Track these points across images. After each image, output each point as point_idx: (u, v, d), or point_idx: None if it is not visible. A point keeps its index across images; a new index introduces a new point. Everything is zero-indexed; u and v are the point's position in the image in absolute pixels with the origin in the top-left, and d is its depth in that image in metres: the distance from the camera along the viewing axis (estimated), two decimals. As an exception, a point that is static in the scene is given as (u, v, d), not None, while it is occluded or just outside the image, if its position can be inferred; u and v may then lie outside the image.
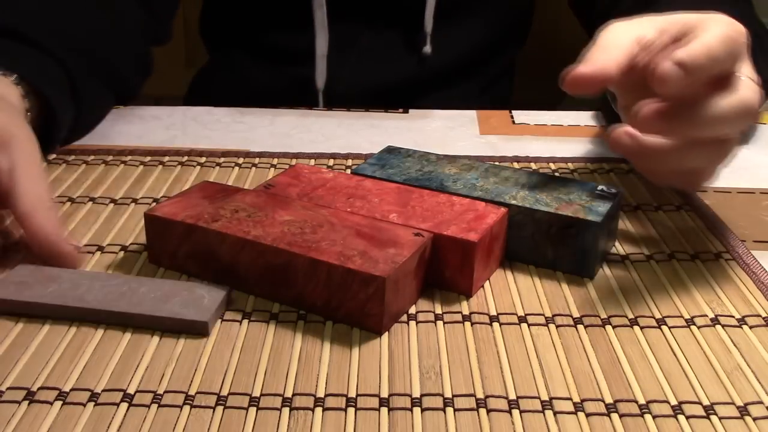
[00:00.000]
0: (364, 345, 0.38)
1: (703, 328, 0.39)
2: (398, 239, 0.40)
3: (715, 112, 0.41)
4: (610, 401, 0.34)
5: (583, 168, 0.59)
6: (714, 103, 0.41)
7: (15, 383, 0.35)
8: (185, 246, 0.43)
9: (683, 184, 0.48)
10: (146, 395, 0.34)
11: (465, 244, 0.41)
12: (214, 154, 0.61)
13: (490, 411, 0.34)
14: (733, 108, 0.42)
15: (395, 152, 0.52)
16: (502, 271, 0.44)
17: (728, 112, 0.41)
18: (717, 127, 0.42)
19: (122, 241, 0.47)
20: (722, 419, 0.33)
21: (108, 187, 0.55)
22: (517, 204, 0.44)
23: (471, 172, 0.49)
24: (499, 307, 0.41)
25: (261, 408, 0.34)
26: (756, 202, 0.54)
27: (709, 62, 0.40)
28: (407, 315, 0.40)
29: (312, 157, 0.60)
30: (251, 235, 0.40)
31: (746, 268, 0.45)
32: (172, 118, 0.69)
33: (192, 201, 0.45)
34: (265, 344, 0.38)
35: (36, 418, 0.33)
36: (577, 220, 0.43)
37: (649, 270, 0.45)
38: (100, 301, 0.39)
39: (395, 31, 0.81)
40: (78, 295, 0.40)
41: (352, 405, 0.34)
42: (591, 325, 0.40)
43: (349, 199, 0.45)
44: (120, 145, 0.63)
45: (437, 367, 0.36)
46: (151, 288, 0.40)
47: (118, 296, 0.39)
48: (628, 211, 0.52)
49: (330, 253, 0.39)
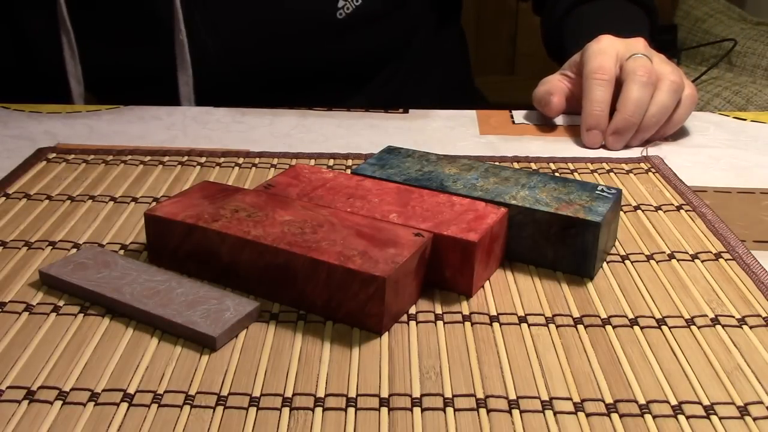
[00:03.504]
0: (364, 345, 0.38)
1: (703, 328, 0.39)
2: (398, 239, 0.40)
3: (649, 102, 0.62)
4: (610, 401, 0.34)
5: (583, 168, 0.59)
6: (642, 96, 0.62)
7: (15, 382, 0.35)
8: (185, 246, 0.43)
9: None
10: (146, 395, 0.34)
11: (465, 244, 0.41)
12: (214, 154, 0.61)
13: (490, 411, 0.34)
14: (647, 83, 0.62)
15: (395, 152, 0.52)
16: (502, 271, 0.44)
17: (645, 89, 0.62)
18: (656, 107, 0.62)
19: (122, 239, 0.47)
20: (722, 419, 0.33)
21: (108, 186, 0.55)
22: (517, 204, 0.44)
23: (471, 172, 0.49)
24: (499, 307, 0.41)
25: (261, 408, 0.34)
26: (756, 202, 0.54)
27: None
28: (407, 315, 0.40)
29: (312, 157, 0.60)
30: (251, 235, 0.40)
31: (746, 268, 0.45)
32: (172, 118, 0.69)
33: (192, 201, 0.45)
34: (265, 344, 0.38)
35: (36, 418, 0.33)
36: (577, 220, 0.43)
37: (649, 270, 0.45)
38: (133, 296, 0.40)
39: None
40: (118, 286, 0.40)
41: (352, 405, 0.34)
42: (591, 325, 0.40)
43: (349, 199, 0.45)
44: (120, 145, 0.63)
45: (437, 367, 0.36)
46: (187, 290, 0.40)
47: (152, 294, 0.40)
48: (628, 211, 0.52)
49: (330, 253, 0.39)
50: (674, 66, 0.65)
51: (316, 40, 0.76)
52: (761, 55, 1.64)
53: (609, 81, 0.64)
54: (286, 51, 0.76)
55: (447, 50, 0.91)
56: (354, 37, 0.77)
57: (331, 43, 0.77)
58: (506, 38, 2.29)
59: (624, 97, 0.62)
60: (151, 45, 0.74)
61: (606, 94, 0.63)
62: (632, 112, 0.62)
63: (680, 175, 0.58)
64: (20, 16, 0.75)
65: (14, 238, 0.47)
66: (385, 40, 0.81)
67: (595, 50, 0.65)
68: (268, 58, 0.76)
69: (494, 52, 2.27)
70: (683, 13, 1.86)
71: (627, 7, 0.79)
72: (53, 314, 0.40)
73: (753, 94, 1.52)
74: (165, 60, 0.74)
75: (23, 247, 0.46)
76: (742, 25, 1.72)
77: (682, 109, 0.64)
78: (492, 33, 2.25)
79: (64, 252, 0.46)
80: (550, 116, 0.69)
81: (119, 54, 0.75)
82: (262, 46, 0.75)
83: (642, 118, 0.62)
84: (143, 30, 0.74)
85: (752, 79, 1.62)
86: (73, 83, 0.75)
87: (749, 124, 0.70)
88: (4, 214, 0.50)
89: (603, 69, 0.64)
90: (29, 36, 0.76)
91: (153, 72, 0.75)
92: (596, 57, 0.65)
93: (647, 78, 0.62)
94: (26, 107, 0.71)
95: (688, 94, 0.64)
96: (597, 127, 0.63)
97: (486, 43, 2.23)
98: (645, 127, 0.63)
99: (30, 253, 0.46)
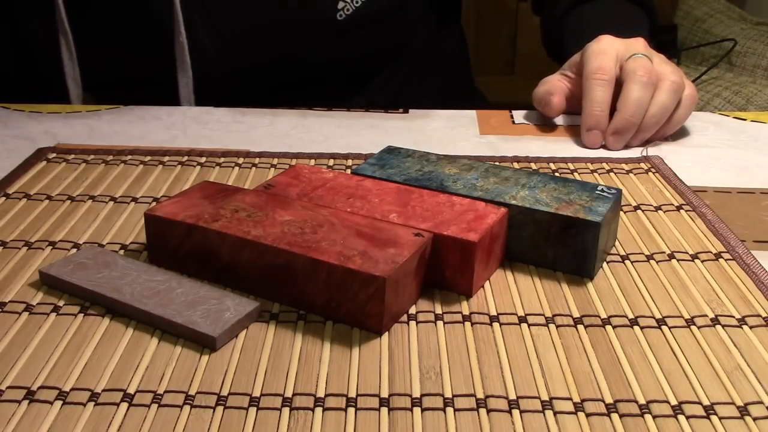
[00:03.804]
0: (364, 345, 0.38)
1: (703, 328, 0.39)
2: (398, 239, 0.40)
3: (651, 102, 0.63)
4: (610, 401, 0.34)
5: (583, 168, 0.59)
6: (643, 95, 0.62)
7: (15, 382, 0.35)
8: (185, 246, 0.43)
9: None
10: (146, 395, 0.34)
11: (465, 244, 0.41)
12: (214, 154, 0.61)
13: (490, 411, 0.34)
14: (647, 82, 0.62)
15: (395, 152, 0.52)
16: (502, 271, 0.44)
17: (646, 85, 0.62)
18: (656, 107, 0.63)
19: (122, 239, 0.47)
20: (722, 419, 0.33)
21: (108, 186, 0.55)
22: (517, 204, 0.44)
23: (471, 172, 0.49)
24: (499, 307, 0.41)
25: (261, 408, 0.34)
26: (756, 202, 0.54)
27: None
28: (407, 315, 0.40)
29: (312, 157, 0.60)
30: (251, 235, 0.40)
31: (746, 268, 0.45)
32: (172, 118, 0.69)
33: (192, 201, 0.45)
34: (265, 344, 0.38)
35: (36, 418, 0.33)
36: (577, 220, 0.43)
37: (649, 270, 0.45)
38: (133, 296, 0.40)
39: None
40: (118, 286, 0.40)
41: (352, 405, 0.34)
42: (591, 325, 0.40)
43: (349, 199, 0.45)
44: (120, 145, 0.63)
45: (437, 367, 0.36)
46: (188, 290, 0.40)
47: (153, 294, 0.40)
48: (628, 211, 0.52)
49: (330, 253, 0.39)
50: (674, 66, 0.65)
51: (316, 42, 0.76)
52: (761, 55, 1.64)
53: (609, 81, 0.64)
54: (286, 52, 0.76)
55: (447, 50, 0.91)
56: (354, 38, 0.77)
57: (331, 44, 0.77)
58: (506, 38, 2.29)
59: (624, 98, 0.62)
60: (151, 47, 0.74)
61: (606, 95, 0.63)
62: (632, 113, 0.62)
63: (680, 175, 0.58)
64: (19, 18, 0.75)
65: (14, 238, 0.47)
66: (385, 41, 0.81)
67: (595, 50, 0.65)
68: (268, 59, 0.76)
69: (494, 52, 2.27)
70: (683, 13, 1.86)
71: (627, 7, 0.79)
72: (53, 314, 0.40)
73: (753, 94, 1.52)
74: (164, 62, 0.74)
75: (23, 247, 0.46)
76: (742, 25, 1.73)
77: (682, 109, 0.64)
78: (492, 33, 2.26)
79: (64, 252, 0.46)
80: (550, 116, 0.69)
81: (118, 55, 0.75)
82: (262, 47, 0.75)
83: (642, 118, 0.62)
84: (142, 32, 0.74)
85: (752, 79, 1.62)
86: (71, 85, 0.75)
87: (749, 124, 0.70)
88: (4, 214, 0.50)
89: (603, 69, 0.64)
90: (28, 37, 0.76)
91: (152, 74, 0.75)
92: (596, 57, 0.65)
93: (647, 78, 0.62)
94: (26, 107, 0.71)
95: (689, 94, 0.64)
96: (597, 127, 0.63)
97: (486, 43, 2.23)
98: (645, 127, 0.63)
99: (30, 253, 0.46)
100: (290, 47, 0.76)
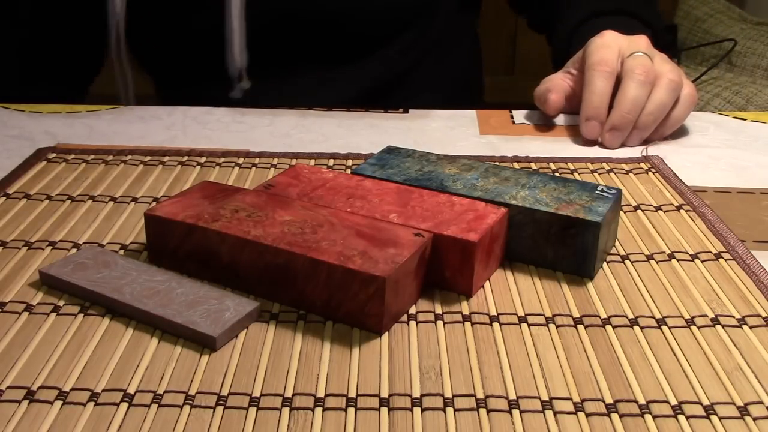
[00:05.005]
0: (364, 345, 0.38)
1: (703, 328, 0.39)
2: (398, 239, 0.40)
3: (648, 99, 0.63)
4: (610, 401, 0.34)
5: (583, 168, 0.59)
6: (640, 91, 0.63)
7: (15, 382, 0.35)
8: (185, 246, 0.43)
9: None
10: (146, 395, 0.34)
11: (465, 244, 0.41)
12: (214, 154, 0.61)
13: (490, 411, 0.34)
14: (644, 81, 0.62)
15: (395, 152, 0.52)
16: (502, 271, 0.44)
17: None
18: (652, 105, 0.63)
19: (122, 239, 0.47)
20: (722, 419, 0.33)
21: (108, 186, 0.55)
22: (517, 204, 0.44)
23: (471, 172, 0.49)
24: (499, 307, 0.41)
25: (261, 408, 0.34)
26: (756, 202, 0.54)
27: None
28: (407, 315, 0.40)
29: (312, 157, 0.60)
30: (251, 235, 0.40)
31: (746, 268, 0.45)
32: (172, 118, 0.69)
33: (192, 201, 0.45)
34: (265, 344, 0.38)
35: (36, 418, 0.33)
36: (577, 220, 0.43)
37: (649, 270, 0.45)
38: (133, 296, 0.40)
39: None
40: (118, 286, 0.40)
41: (352, 405, 0.34)
42: (591, 325, 0.40)
43: (349, 199, 0.45)
44: (120, 145, 0.63)
45: (437, 367, 0.36)
46: (188, 290, 0.40)
47: (152, 294, 0.40)
48: (628, 211, 0.52)
49: (330, 253, 0.39)
50: (674, 65, 0.65)
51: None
52: (761, 55, 1.64)
53: (611, 73, 0.64)
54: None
55: (463, 44, 0.92)
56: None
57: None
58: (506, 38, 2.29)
59: (621, 95, 0.62)
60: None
61: (607, 86, 0.63)
62: (629, 110, 0.62)
63: (680, 175, 0.58)
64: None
65: (14, 238, 0.47)
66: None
67: (598, 44, 0.66)
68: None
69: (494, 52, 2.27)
70: (683, 13, 1.86)
71: (635, 24, 0.78)
72: (53, 314, 0.40)
73: (753, 94, 1.52)
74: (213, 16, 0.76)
75: (23, 247, 0.46)
76: (742, 25, 1.73)
77: (680, 108, 0.64)
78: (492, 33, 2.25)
79: (64, 252, 0.46)
80: (548, 114, 0.69)
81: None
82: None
83: (639, 116, 0.62)
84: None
85: (752, 79, 1.62)
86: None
87: (749, 124, 0.70)
88: (4, 214, 0.50)
89: (605, 61, 0.64)
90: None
91: (201, 24, 0.78)
92: (599, 50, 0.65)
93: (645, 77, 0.62)
94: (26, 107, 0.71)
95: (687, 93, 0.64)
96: (596, 117, 0.63)
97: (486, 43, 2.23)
98: (642, 125, 0.63)
99: (30, 253, 0.46)
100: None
